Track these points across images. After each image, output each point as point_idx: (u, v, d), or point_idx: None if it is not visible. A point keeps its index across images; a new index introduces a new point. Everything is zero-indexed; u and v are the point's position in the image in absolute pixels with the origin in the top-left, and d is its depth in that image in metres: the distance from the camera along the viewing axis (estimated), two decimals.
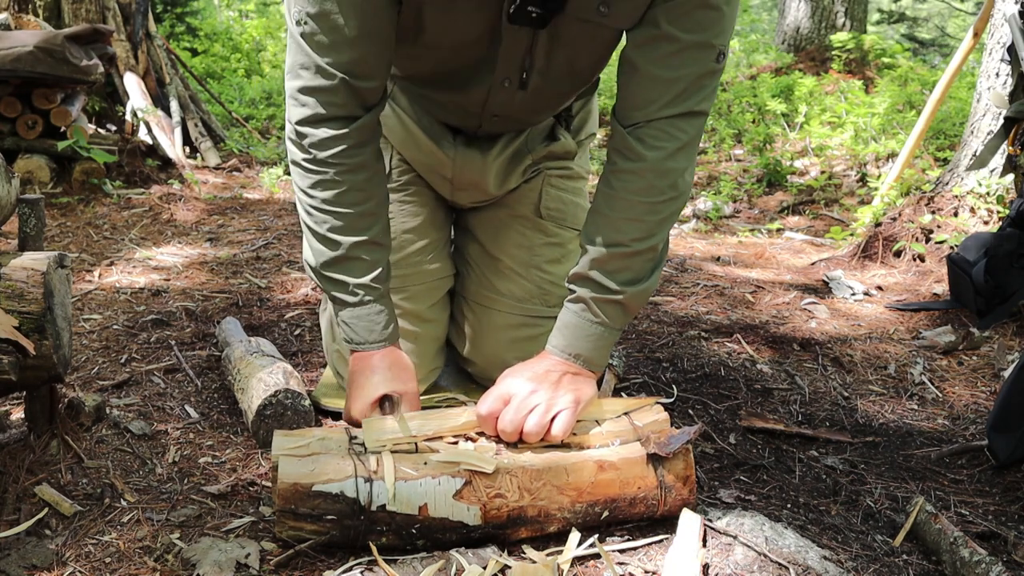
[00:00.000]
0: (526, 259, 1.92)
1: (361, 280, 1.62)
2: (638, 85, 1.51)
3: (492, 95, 1.70)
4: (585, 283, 1.58)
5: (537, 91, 1.70)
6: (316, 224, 1.60)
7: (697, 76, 1.49)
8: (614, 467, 1.45)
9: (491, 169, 1.88)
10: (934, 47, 13.82)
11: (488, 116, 1.77)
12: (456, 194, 1.95)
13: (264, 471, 1.64)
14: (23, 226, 1.62)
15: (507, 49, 1.59)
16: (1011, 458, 1.79)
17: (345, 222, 1.59)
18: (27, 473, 1.56)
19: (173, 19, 8.57)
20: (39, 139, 4.03)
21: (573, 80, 1.73)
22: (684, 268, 3.35)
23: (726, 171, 5.99)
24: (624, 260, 1.55)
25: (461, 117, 1.82)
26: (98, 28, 4.25)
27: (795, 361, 2.39)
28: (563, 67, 1.64)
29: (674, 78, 1.48)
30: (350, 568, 1.33)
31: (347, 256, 1.61)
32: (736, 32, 11.03)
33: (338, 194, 1.58)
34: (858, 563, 1.44)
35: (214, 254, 3.27)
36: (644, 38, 1.49)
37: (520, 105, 1.73)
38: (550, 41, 1.58)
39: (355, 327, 1.65)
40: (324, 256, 1.62)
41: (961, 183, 3.55)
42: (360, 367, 1.67)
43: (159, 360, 2.16)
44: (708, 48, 1.47)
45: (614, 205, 1.55)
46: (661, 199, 1.53)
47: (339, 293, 1.64)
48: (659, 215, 1.54)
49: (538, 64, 1.62)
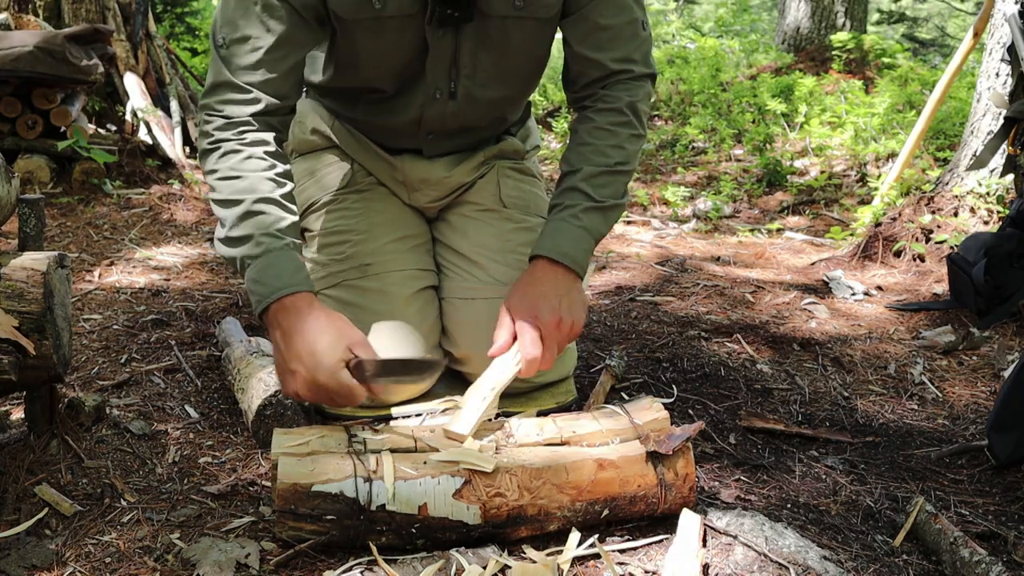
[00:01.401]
0: (500, 246, 1.96)
1: (267, 230, 1.57)
2: (590, 68, 1.79)
3: (425, 110, 1.82)
4: (574, 194, 1.74)
5: (468, 98, 1.81)
6: (219, 193, 1.61)
7: (636, 46, 1.79)
8: (614, 465, 1.45)
9: (436, 163, 1.97)
10: (934, 47, 13.82)
11: (424, 135, 1.89)
12: (413, 195, 2.02)
13: (264, 471, 1.64)
14: (23, 226, 1.62)
15: (434, 58, 1.74)
16: (1011, 458, 1.79)
17: (247, 183, 1.59)
18: (27, 473, 1.56)
19: (173, 19, 8.56)
20: (39, 139, 4.02)
21: (504, 82, 1.83)
22: (684, 268, 3.35)
23: (726, 171, 5.99)
24: (610, 177, 1.76)
25: (400, 141, 1.94)
26: (98, 28, 4.25)
27: (795, 361, 2.39)
28: (490, 69, 1.79)
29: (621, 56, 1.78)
30: (350, 568, 1.33)
31: (251, 211, 1.57)
32: (736, 32, 11.03)
33: (241, 160, 1.61)
34: (858, 563, 1.44)
35: (214, 254, 3.27)
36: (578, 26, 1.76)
37: (453, 118, 1.84)
38: (475, 43, 1.73)
39: (263, 278, 1.53)
40: (230, 217, 1.58)
41: (961, 183, 3.55)
42: (280, 321, 1.52)
43: (159, 360, 2.16)
44: (634, 23, 1.77)
45: (598, 135, 1.77)
46: (636, 132, 1.80)
47: (246, 250, 1.56)
48: (635, 145, 1.80)
49: (464, 69, 1.77)
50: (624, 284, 3.07)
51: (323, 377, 1.48)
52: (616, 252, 3.65)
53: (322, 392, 1.50)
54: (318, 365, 1.48)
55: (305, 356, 1.49)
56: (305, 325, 1.51)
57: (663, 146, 6.78)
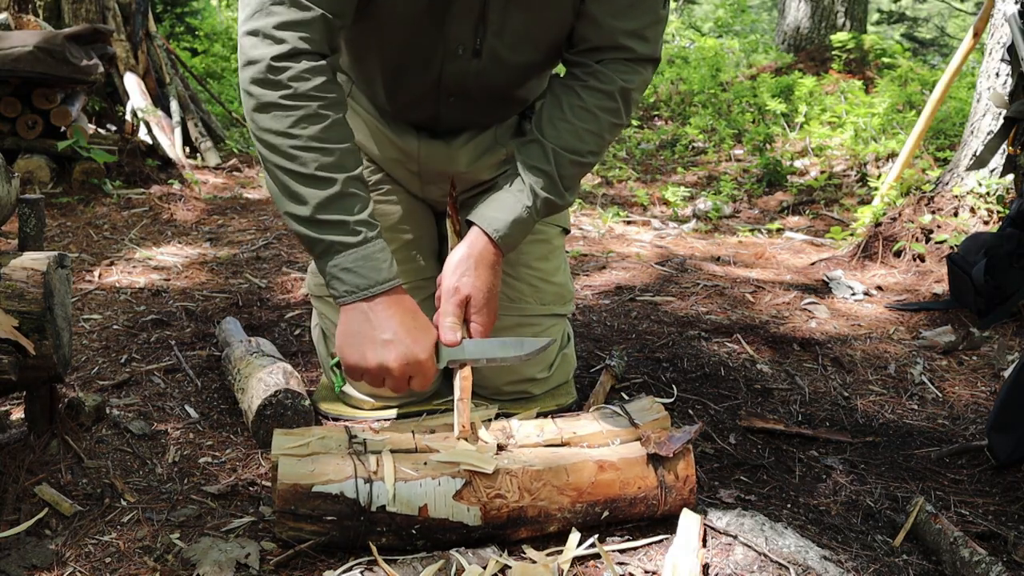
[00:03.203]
0: (513, 258, 1.87)
1: (360, 216, 1.51)
2: (597, 33, 1.66)
3: (446, 66, 1.69)
4: (541, 176, 1.66)
5: (493, 59, 1.68)
6: (303, 166, 1.48)
7: (652, 23, 1.67)
8: (614, 467, 1.45)
9: (458, 155, 1.86)
10: (934, 47, 13.82)
11: (444, 97, 1.75)
12: (426, 188, 1.92)
13: (264, 471, 1.64)
14: (23, 226, 1.62)
15: (460, 7, 1.59)
16: (1011, 458, 1.79)
17: (335, 158, 1.50)
18: (27, 473, 1.56)
19: (173, 19, 8.56)
20: (39, 139, 4.03)
21: (532, 46, 1.70)
22: (684, 268, 3.35)
23: (726, 171, 5.99)
24: (576, 168, 1.69)
25: (418, 106, 1.80)
26: (98, 28, 4.25)
27: (795, 361, 2.39)
28: (519, 29, 1.64)
29: (632, 28, 1.65)
30: (350, 568, 1.33)
31: (343, 192, 1.50)
32: (736, 32, 11.03)
33: (325, 128, 1.49)
34: (858, 563, 1.44)
35: (214, 254, 3.27)
36: None
37: (476, 79, 1.71)
38: (505, 0, 1.60)
39: (360, 270, 1.50)
40: (318, 197, 1.49)
41: (961, 183, 3.55)
42: (362, 319, 1.50)
43: (159, 360, 2.16)
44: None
45: (581, 116, 1.67)
46: (619, 121, 1.71)
47: (338, 236, 1.50)
48: (612, 135, 1.72)
49: (493, 26, 1.63)
50: (624, 284, 3.07)
51: (422, 353, 1.51)
52: (616, 252, 3.64)
53: (413, 365, 1.51)
54: (418, 340, 1.51)
55: (404, 332, 1.50)
56: (403, 310, 1.53)
57: (663, 146, 6.78)
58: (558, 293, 1.94)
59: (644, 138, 6.95)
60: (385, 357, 1.49)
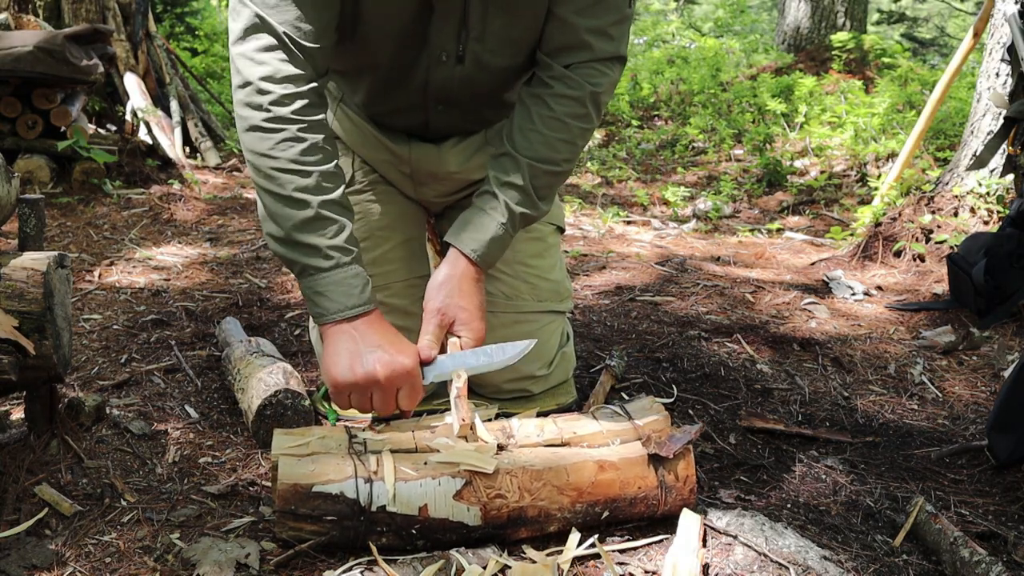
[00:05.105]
0: (508, 256, 1.88)
1: (334, 241, 1.52)
2: (562, 32, 1.66)
3: (431, 73, 1.72)
4: (515, 190, 1.66)
5: (476, 63, 1.71)
6: (280, 187, 1.51)
7: (616, 21, 1.66)
8: (614, 467, 1.45)
9: (447, 157, 1.88)
10: (934, 47, 13.82)
11: (433, 105, 1.78)
12: (419, 190, 1.95)
13: (264, 471, 1.64)
14: (23, 226, 1.62)
15: (441, 15, 1.63)
16: (1011, 458, 1.79)
17: (312, 181, 1.52)
18: (27, 473, 1.56)
19: (173, 19, 8.56)
20: (39, 139, 4.03)
21: (513, 49, 1.72)
22: (684, 268, 3.35)
23: (726, 171, 5.99)
24: (551, 178, 1.69)
25: (407, 114, 1.83)
26: (98, 28, 4.25)
27: (795, 361, 2.39)
28: (500, 33, 1.67)
29: (597, 26, 1.65)
30: (350, 568, 1.33)
31: (318, 216, 1.51)
32: (736, 32, 11.03)
33: (303, 151, 1.52)
34: (858, 563, 1.44)
35: (214, 254, 3.27)
36: None
37: (461, 84, 1.74)
38: (484, 4, 1.62)
39: (331, 294, 1.51)
40: (292, 219, 1.51)
41: (961, 183, 3.55)
42: (344, 338, 1.51)
43: (159, 360, 2.16)
44: None
45: (552, 126, 1.67)
46: (589, 126, 1.71)
47: (311, 259, 1.52)
48: (584, 140, 1.72)
49: (474, 32, 1.66)
50: (624, 284, 3.07)
51: (408, 360, 1.51)
52: (616, 252, 3.65)
53: (400, 375, 1.51)
54: (403, 351, 1.52)
55: (388, 343, 1.52)
56: (385, 328, 1.55)
57: (663, 146, 6.78)
58: (554, 290, 1.95)
59: (644, 138, 6.96)
60: (372, 366, 1.49)
